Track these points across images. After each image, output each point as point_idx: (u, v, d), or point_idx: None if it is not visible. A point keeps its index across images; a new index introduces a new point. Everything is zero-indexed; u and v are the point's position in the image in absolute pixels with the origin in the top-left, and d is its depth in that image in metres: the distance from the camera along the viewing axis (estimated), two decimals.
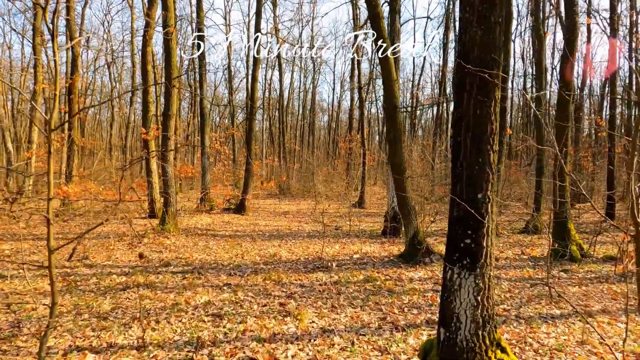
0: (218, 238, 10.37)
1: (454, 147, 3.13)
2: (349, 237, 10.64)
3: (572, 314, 5.12)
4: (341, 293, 5.93)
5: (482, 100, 2.99)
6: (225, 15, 33.74)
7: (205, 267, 7.37)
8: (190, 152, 37.04)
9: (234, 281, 6.50)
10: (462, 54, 3.08)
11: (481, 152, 3.00)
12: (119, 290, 5.99)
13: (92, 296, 5.71)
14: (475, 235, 3.01)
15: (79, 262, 7.58)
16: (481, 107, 2.98)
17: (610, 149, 14.64)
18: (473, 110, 3.01)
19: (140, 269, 7.19)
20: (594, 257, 8.36)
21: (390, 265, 7.60)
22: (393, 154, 7.70)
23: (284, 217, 15.12)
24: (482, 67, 2.96)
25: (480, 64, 2.98)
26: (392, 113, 7.41)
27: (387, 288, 6.16)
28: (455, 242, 3.10)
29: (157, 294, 5.81)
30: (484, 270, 3.02)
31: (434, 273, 7.04)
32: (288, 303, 5.44)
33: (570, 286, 6.42)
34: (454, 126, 3.13)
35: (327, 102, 63.21)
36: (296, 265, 7.66)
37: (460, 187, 3.08)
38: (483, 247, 3.01)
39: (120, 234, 10.51)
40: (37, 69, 19.13)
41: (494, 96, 3.01)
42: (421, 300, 5.61)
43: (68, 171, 13.66)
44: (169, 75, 10.21)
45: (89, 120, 44.12)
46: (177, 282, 6.44)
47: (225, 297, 5.66)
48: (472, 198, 3.03)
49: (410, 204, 7.70)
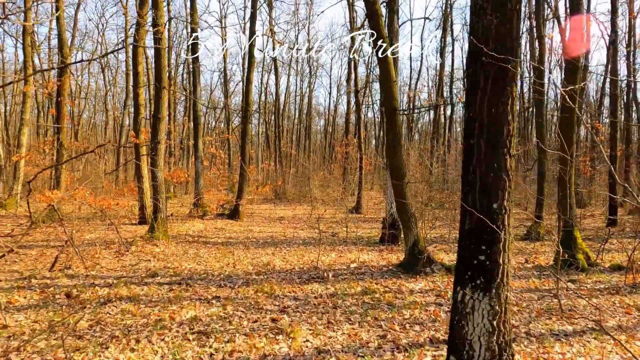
0: (210, 245, 9.97)
1: (466, 150, 2.77)
2: (346, 245, 10.27)
3: (586, 331, 4.76)
4: (338, 307, 5.55)
5: (498, 98, 2.64)
6: (220, 18, 33.33)
7: (194, 278, 6.97)
8: (184, 157, 36.61)
9: (224, 293, 6.11)
10: (475, 46, 2.73)
11: (497, 156, 2.65)
12: (99, 304, 5.58)
13: (70, 311, 5.30)
14: (490, 251, 2.65)
15: (60, 273, 7.16)
16: (497, 106, 2.63)
17: (612, 153, 14.33)
18: (487, 109, 2.66)
19: (125, 279, 6.79)
20: (601, 266, 8.02)
21: (390, 275, 7.23)
22: (392, 158, 7.35)
23: (279, 223, 14.73)
24: (497, 60, 2.61)
25: (496, 57, 2.62)
26: (391, 115, 7.06)
27: (387, 301, 5.78)
28: (467, 258, 2.74)
29: (141, 308, 5.41)
30: (500, 291, 2.66)
31: (435, 284, 6.68)
32: (281, 318, 5.06)
33: (579, 298, 6.06)
34: (466, 127, 2.77)
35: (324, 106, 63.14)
36: (290, 275, 7.28)
37: (473, 196, 2.72)
38: (499, 265, 2.65)
39: (109, 241, 10.10)
40: (27, 71, 18.75)
41: (511, 93, 2.66)
42: (423, 315, 5.24)
43: (56, 175, 13.23)
44: (159, 76, 9.84)
45: (84, 124, 43.67)
46: (163, 294, 6.04)
47: (214, 312, 5.27)
48: (486, 208, 2.67)
49: (410, 211, 7.34)
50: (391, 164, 7.51)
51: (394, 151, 7.23)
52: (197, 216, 15.25)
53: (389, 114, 7.07)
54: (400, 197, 7.31)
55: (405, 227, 7.38)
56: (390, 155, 7.36)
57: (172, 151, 28.62)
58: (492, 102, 2.65)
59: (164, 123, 10.18)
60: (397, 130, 7.21)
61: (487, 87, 2.65)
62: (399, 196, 7.36)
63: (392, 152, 7.26)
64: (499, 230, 2.64)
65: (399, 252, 9.23)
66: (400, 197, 7.31)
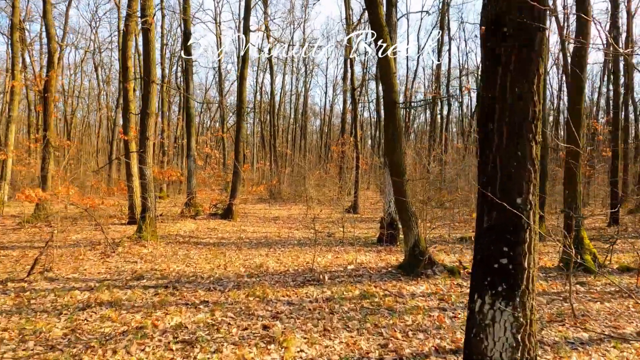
0: (201, 246, 9.56)
1: (484, 137, 2.40)
2: (343, 245, 9.89)
3: (603, 338, 4.40)
4: (334, 312, 5.17)
5: (523, 74, 2.26)
6: (215, 16, 32.89)
7: (181, 281, 6.56)
8: (179, 156, 36.11)
9: (213, 298, 5.71)
10: (494, 16, 2.36)
11: (521, 143, 2.29)
12: (78, 309, 5.17)
13: (44, 317, 4.89)
14: (513, 252, 2.28)
15: (39, 275, 6.73)
16: (521, 84, 2.27)
17: (614, 150, 14.02)
18: (510, 87, 2.29)
19: (109, 283, 6.37)
20: (609, 267, 7.69)
21: (389, 277, 6.85)
22: (391, 153, 6.97)
23: (274, 223, 14.33)
24: (522, 32, 2.24)
25: (520, 28, 2.25)
26: (391, 108, 6.69)
27: (387, 306, 5.41)
28: (486, 261, 2.36)
29: (122, 314, 5.01)
30: (525, 299, 2.30)
31: (438, 287, 6.30)
32: (273, 325, 4.67)
33: (591, 302, 5.72)
34: (484, 111, 2.40)
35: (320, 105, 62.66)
36: (284, 277, 6.88)
37: (493, 189, 2.35)
38: (524, 269, 2.28)
39: (95, 242, 9.66)
40: (15, 67, 18.25)
41: (537, 69, 2.29)
42: (427, 322, 4.86)
43: (42, 175, 12.77)
44: (148, 70, 9.42)
45: (78, 123, 43.09)
46: (148, 299, 5.63)
47: (201, 319, 4.87)
48: (508, 203, 2.29)
49: (410, 209, 6.96)
50: (390, 159, 7.14)
51: (393, 146, 6.86)
52: (189, 216, 14.82)
53: (389, 107, 6.70)
54: (400, 195, 6.93)
55: (406, 227, 7.01)
56: (389, 150, 6.98)
57: (165, 150, 28.13)
58: (515, 79, 2.28)
59: (152, 119, 9.76)
60: (397, 124, 6.83)
61: (510, 64, 2.28)
62: (398, 194, 6.99)
63: (391, 147, 6.88)
64: (523, 229, 2.27)
65: (397, 253, 8.86)
66: (400, 194, 6.93)
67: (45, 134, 13.12)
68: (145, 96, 9.59)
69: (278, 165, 30.95)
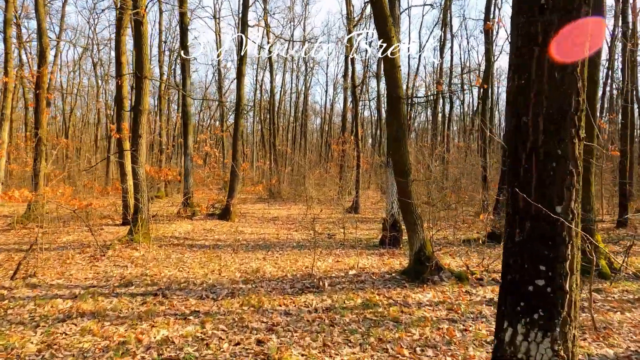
0: (195, 249, 9.16)
1: (515, 133, 2.00)
2: (344, 248, 9.48)
3: (631, 356, 4.00)
4: (335, 324, 4.77)
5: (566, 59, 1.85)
6: (215, 13, 32.48)
7: (172, 288, 6.17)
8: (178, 155, 35.70)
9: (204, 307, 5.31)
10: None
11: (562, 139, 1.88)
12: (57, 321, 4.77)
13: (20, 330, 4.50)
14: (552, 272, 1.88)
15: (22, 281, 6.34)
16: (563, 69, 1.85)
17: (622, 150, 13.57)
18: (549, 73, 1.89)
19: (94, 290, 5.98)
20: (624, 272, 7.28)
21: (393, 284, 6.45)
22: (395, 152, 6.57)
23: (273, 224, 13.93)
24: (565, 5, 1.83)
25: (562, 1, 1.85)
26: (395, 104, 6.28)
27: (392, 317, 5.01)
28: (518, 283, 1.96)
29: (104, 326, 4.61)
30: (566, 329, 1.89)
31: (445, 295, 5.90)
32: (268, 340, 4.27)
33: (611, 312, 5.31)
34: (515, 100, 2.00)
35: (320, 104, 62.33)
36: (282, 284, 6.49)
37: (526, 195, 1.94)
38: (565, 292, 1.88)
39: (86, 244, 9.28)
40: (8, 64, 17.84)
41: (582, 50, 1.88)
42: (436, 336, 4.47)
43: (34, 174, 12.37)
44: (140, 65, 9.00)
45: (77, 122, 42.73)
46: (134, 308, 5.24)
47: (190, 332, 4.48)
48: (546, 214, 1.89)
49: (416, 212, 6.56)
50: (394, 158, 6.74)
51: (398, 145, 6.45)
52: (185, 216, 14.42)
53: (393, 102, 6.29)
54: (404, 197, 6.53)
55: (410, 230, 6.60)
56: (394, 149, 6.57)
57: (162, 148, 27.73)
58: (556, 64, 1.87)
59: (145, 116, 9.35)
60: (402, 121, 6.42)
61: (550, 41, 1.87)
62: (403, 195, 6.58)
63: (396, 145, 6.48)
64: (564, 244, 1.87)
65: (401, 257, 8.47)
66: (404, 196, 6.53)
67: (37, 132, 12.72)
68: (137, 92, 9.19)
69: (278, 164, 30.54)
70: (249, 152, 38.95)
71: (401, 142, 6.44)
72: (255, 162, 37.91)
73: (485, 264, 7.58)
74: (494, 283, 6.53)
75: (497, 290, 6.16)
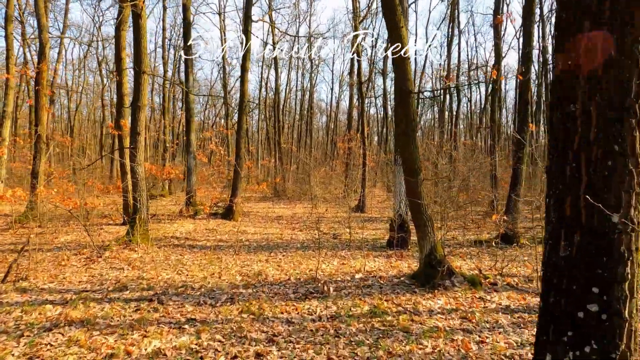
0: (196, 250, 8.86)
1: (560, 125, 1.64)
2: (349, 249, 9.14)
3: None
4: (341, 334, 4.42)
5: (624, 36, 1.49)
6: (219, 10, 32.20)
7: (169, 292, 5.85)
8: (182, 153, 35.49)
9: (201, 314, 4.99)
10: None
11: (620, 130, 1.51)
12: (43, 330, 4.47)
13: (1, 340, 4.19)
14: (608, 296, 1.53)
15: (11, 285, 6.05)
16: (622, 49, 1.49)
17: None
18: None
19: (87, 295, 5.67)
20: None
21: (402, 289, 6.09)
22: (404, 149, 6.20)
23: (277, 223, 13.61)
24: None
25: None
26: (404, 98, 5.91)
27: (402, 326, 4.65)
28: (564, 307, 1.60)
29: (93, 336, 4.30)
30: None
31: (458, 302, 5.54)
32: (268, 353, 3.94)
33: None
34: (560, 86, 1.63)
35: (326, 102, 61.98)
36: (284, 288, 6.15)
37: (574, 200, 1.58)
38: (624, 321, 1.52)
39: (83, 244, 9.00)
40: (10, 61, 17.63)
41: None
42: (450, 348, 4.11)
43: (33, 172, 12.13)
44: (139, 59, 8.70)
45: (83, 120, 42.70)
46: (126, 315, 4.93)
47: (184, 343, 4.15)
48: (599, 222, 1.53)
49: (426, 213, 6.20)
50: (403, 156, 6.37)
51: (407, 141, 6.08)
52: (187, 215, 14.14)
53: (402, 96, 5.92)
54: (414, 197, 6.16)
55: (420, 232, 6.24)
56: (402, 145, 6.21)
57: (166, 146, 27.49)
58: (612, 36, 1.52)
59: (144, 113, 9.05)
60: (412, 116, 6.05)
61: (606, 13, 1.51)
62: (412, 195, 6.22)
63: (405, 141, 6.11)
64: (622, 262, 1.51)
65: (409, 259, 8.12)
66: (414, 196, 6.16)
67: (36, 129, 12.48)
68: (136, 88, 8.88)
69: (283, 162, 30.22)
70: (254, 150, 38.69)
71: (410, 139, 6.07)
72: (260, 160, 37.65)
73: (498, 267, 7.21)
74: (508, 288, 6.16)
75: (513, 296, 5.80)
